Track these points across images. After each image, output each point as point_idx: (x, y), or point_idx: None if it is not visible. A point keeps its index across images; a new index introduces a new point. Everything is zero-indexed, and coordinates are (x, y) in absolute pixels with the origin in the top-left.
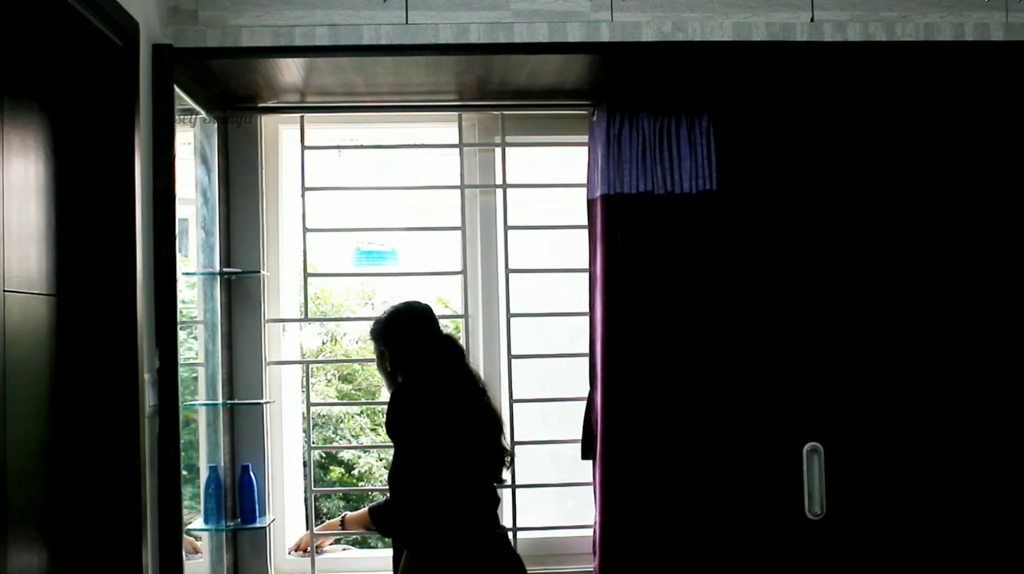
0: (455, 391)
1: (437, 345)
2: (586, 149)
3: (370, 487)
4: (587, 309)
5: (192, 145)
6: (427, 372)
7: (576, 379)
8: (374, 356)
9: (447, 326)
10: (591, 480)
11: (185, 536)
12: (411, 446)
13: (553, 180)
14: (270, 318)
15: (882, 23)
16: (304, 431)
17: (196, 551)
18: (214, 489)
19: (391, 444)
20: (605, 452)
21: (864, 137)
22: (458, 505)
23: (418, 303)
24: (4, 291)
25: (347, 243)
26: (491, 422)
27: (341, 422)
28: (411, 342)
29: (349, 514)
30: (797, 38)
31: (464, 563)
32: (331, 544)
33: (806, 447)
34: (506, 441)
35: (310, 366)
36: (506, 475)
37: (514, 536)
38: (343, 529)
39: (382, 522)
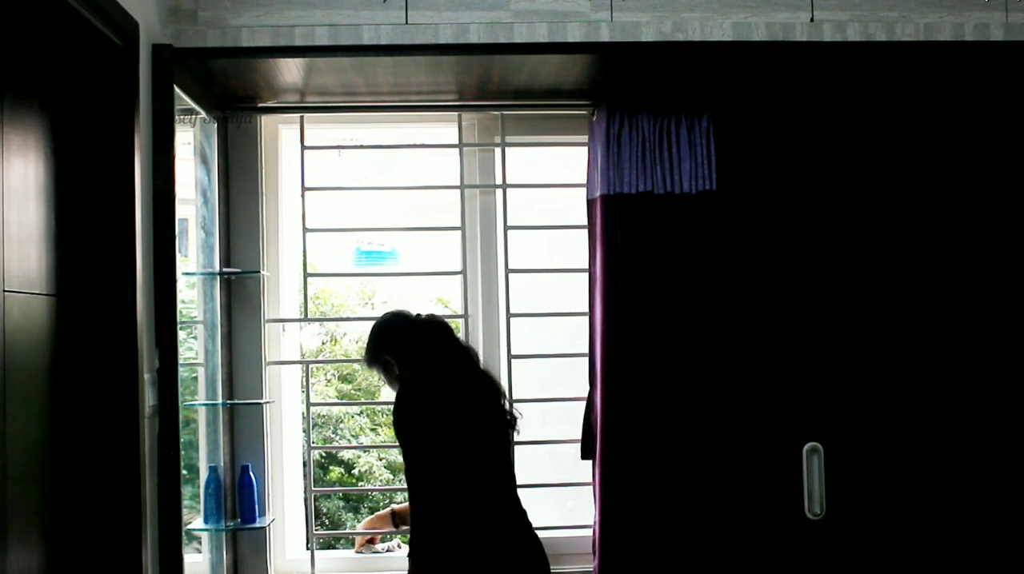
0: (454, 370)
1: (425, 329)
2: (586, 149)
3: (370, 487)
4: (587, 309)
5: (192, 145)
6: (428, 359)
7: (576, 379)
8: (381, 378)
9: None
10: (591, 480)
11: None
12: (423, 449)
13: (553, 180)
14: (270, 318)
15: (882, 23)
16: (304, 431)
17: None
18: (214, 489)
19: (391, 444)
20: (605, 452)
21: (864, 137)
22: (475, 505)
23: (388, 311)
24: (4, 291)
25: (347, 243)
26: (489, 389)
27: (341, 422)
28: (406, 337)
29: (397, 507)
30: (797, 38)
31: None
32: (379, 542)
33: (806, 447)
34: (507, 403)
35: (310, 366)
36: (518, 446)
37: None
38: (395, 525)
39: None
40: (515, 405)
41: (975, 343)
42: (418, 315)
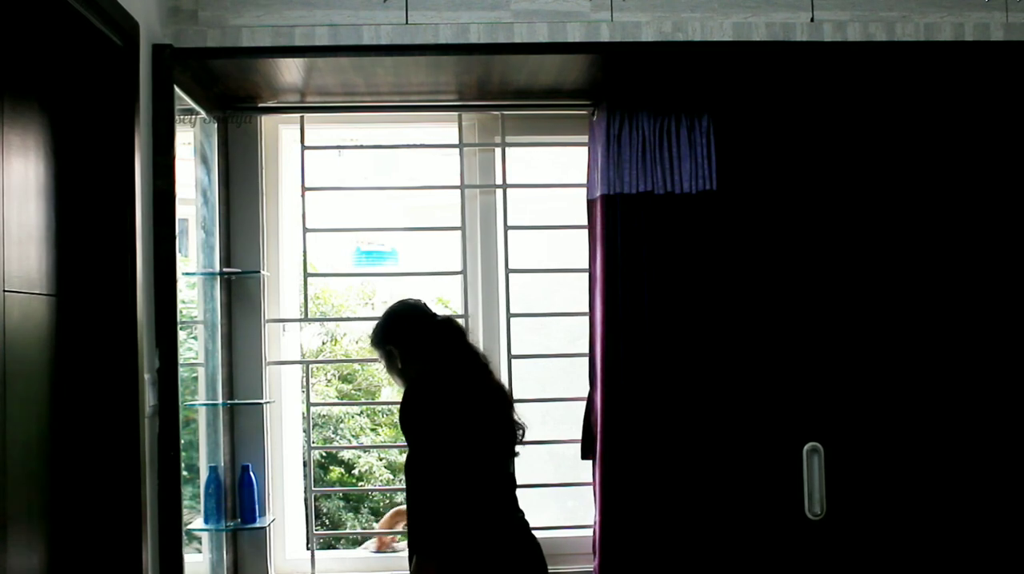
0: (466, 376)
1: (441, 330)
2: (586, 149)
3: (370, 487)
4: (587, 309)
5: (192, 145)
6: (438, 360)
7: (576, 379)
8: (380, 361)
9: None
10: (591, 480)
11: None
12: (429, 445)
13: (553, 180)
14: (270, 318)
15: (882, 23)
16: (304, 431)
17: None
18: (214, 489)
19: (391, 444)
20: (605, 452)
21: (864, 137)
22: (476, 503)
23: (408, 299)
24: (4, 291)
25: (347, 243)
26: (500, 399)
27: (341, 422)
28: (417, 333)
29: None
30: (797, 38)
31: (484, 567)
32: (398, 541)
33: (806, 447)
34: (516, 414)
35: (310, 366)
36: (519, 449)
37: None
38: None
39: None
40: (521, 416)
41: (975, 343)
42: (435, 315)
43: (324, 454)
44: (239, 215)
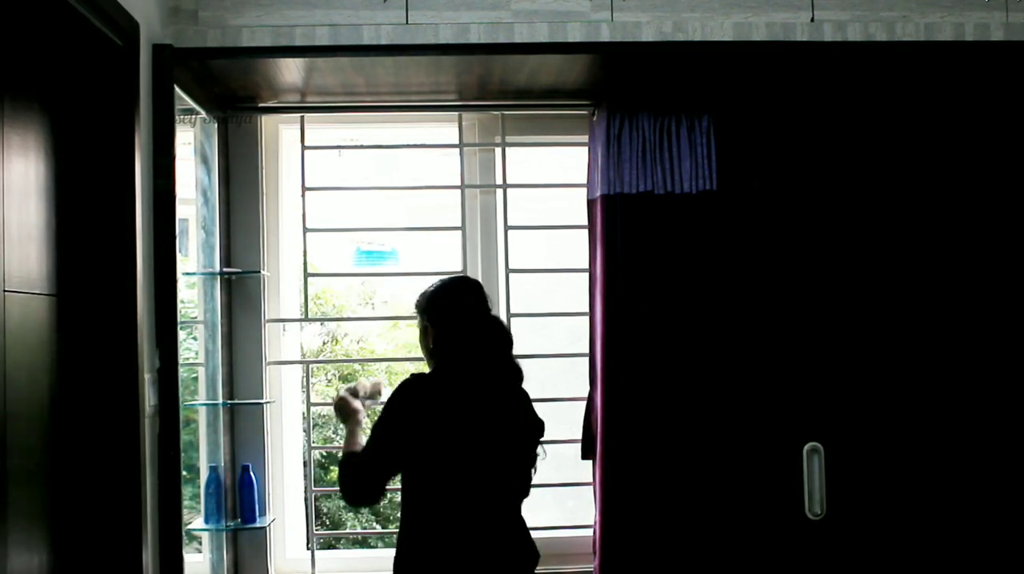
0: (481, 389)
1: (482, 329)
2: (586, 149)
3: None
4: (587, 309)
5: (192, 145)
6: (463, 361)
7: (576, 379)
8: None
9: None
10: (591, 480)
11: None
12: (377, 442)
13: (553, 180)
14: (270, 318)
15: (882, 23)
16: (304, 431)
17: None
18: (214, 489)
19: None
20: (605, 452)
21: (864, 137)
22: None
23: (469, 278)
24: (4, 291)
25: (347, 243)
26: (514, 426)
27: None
28: (456, 321)
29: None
30: (797, 38)
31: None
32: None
33: (806, 447)
34: (539, 448)
35: (310, 366)
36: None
37: None
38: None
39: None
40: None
41: (975, 343)
42: (487, 309)
43: (324, 454)
44: (239, 215)
